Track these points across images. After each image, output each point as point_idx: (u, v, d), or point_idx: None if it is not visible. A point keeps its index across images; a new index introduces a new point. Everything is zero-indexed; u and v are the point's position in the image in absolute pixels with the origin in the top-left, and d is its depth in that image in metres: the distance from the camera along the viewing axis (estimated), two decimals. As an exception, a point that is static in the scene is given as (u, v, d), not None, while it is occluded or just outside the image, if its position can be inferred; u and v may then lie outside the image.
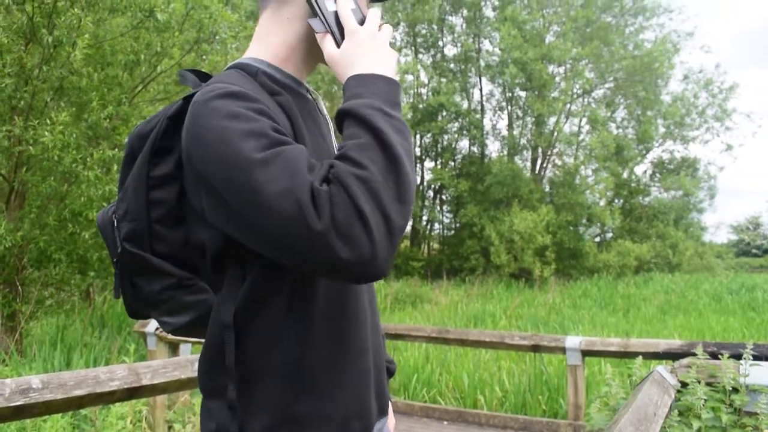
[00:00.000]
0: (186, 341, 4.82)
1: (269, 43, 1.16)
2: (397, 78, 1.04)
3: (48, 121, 6.15)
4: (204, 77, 1.18)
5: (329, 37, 1.07)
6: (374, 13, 1.09)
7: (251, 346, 1.04)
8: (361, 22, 1.08)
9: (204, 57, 8.00)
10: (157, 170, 1.07)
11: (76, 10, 6.25)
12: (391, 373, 1.37)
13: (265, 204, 0.88)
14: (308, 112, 1.15)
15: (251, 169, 0.89)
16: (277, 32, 1.15)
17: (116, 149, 6.72)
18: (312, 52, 1.16)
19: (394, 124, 0.94)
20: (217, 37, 7.83)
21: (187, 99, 1.06)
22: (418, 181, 25.87)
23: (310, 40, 1.13)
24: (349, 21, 1.06)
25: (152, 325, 4.95)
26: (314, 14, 1.09)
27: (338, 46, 1.06)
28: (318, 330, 1.06)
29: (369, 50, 1.04)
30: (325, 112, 1.25)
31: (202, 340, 1.13)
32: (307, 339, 1.05)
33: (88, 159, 6.41)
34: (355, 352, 1.11)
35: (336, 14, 1.08)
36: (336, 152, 0.96)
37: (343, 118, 0.97)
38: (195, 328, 1.15)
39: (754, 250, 40.92)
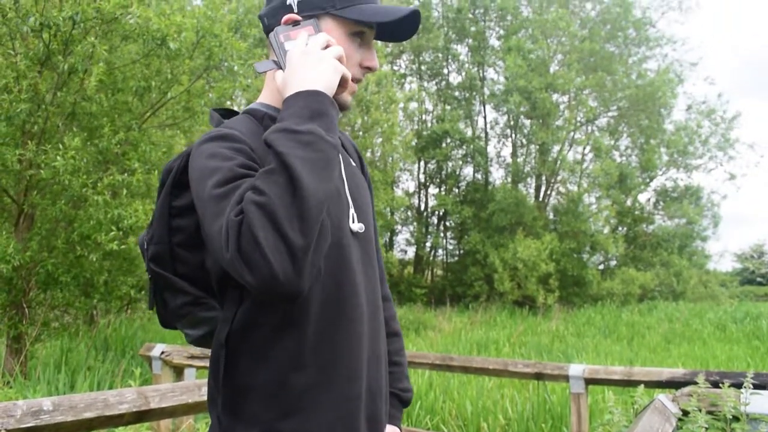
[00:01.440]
0: (191, 366, 4.84)
1: (271, 89, 1.27)
2: (327, 87, 1.08)
3: (60, 146, 6.25)
4: (232, 115, 1.29)
5: (279, 71, 1.14)
6: (320, 35, 1.15)
7: (242, 365, 1.13)
8: None
9: (213, 84, 8.13)
10: (177, 201, 1.19)
11: (91, 38, 6.38)
12: (404, 402, 1.43)
13: (208, 237, 1.04)
14: None
15: (208, 203, 1.03)
16: (271, 79, 1.26)
17: (125, 174, 6.81)
18: None
19: (301, 138, 1.00)
20: (225, 64, 7.96)
21: None
22: (422, 207, 25.96)
23: None
24: (290, 50, 1.13)
25: (157, 349, 4.98)
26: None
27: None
28: (307, 354, 1.12)
29: (298, 69, 1.10)
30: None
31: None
32: (295, 362, 1.12)
33: (98, 183, 6.50)
34: (345, 378, 1.17)
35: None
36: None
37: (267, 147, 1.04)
38: (208, 340, 1.24)
39: (758, 279, 40.70)
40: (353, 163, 1.36)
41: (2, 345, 7.12)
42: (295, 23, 1.17)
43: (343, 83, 1.13)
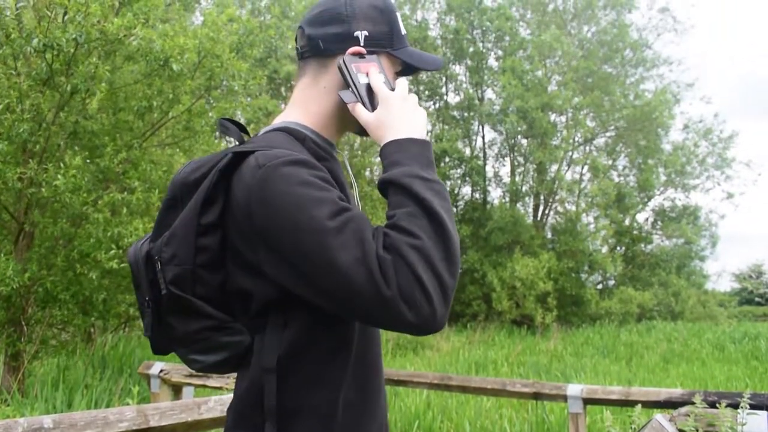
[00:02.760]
0: (189, 384, 4.84)
1: (310, 111, 1.26)
2: (424, 134, 1.15)
3: (61, 165, 6.29)
4: (241, 128, 1.27)
5: (360, 105, 1.18)
6: (402, 81, 1.22)
7: (292, 389, 1.13)
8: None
9: (213, 103, 8.19)
10: (205, 218, 1.13)
11: (93, 58, 6.45)
12: None
13: (339, 270, 1.00)
14: (341, 173, 1.27)
15: (325, 236, 1.00)
16: (316, 101, 1.26)
17: (125, 192, 6.84)
18: (345, 120, 1.27)
19: (433, 187, 1.07)
20: (225, 84, 8.03)
21: (239, 154, 1.12)
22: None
23: (345, 109, 1.23)
24: (382, 89, 1.18)
25: (156, 367, 4.97)
26: (347, 86, 1.20)
27: (371, 113, 1.18)
28: (352, 374, 1.17)
29: (401, 114, 1.16)
30: (350, 170, 1.37)
31: (215, 382, 1.24)
32: (343, 383, 1.15)
33: (98, 201, 6.53)
34: (377, 393, 1.23)
35: (368, 86, 1.19)
36: (386, 219, 1.07)
37: (386, 186, 1.08)
38: (225, 366, 1.21)
39: (757, 299, 40.63)
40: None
41: (0, 362, 7.11)
42: (360, 56, 1.21)
43: None
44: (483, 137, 25.56)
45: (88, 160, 6.83)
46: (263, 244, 1.07)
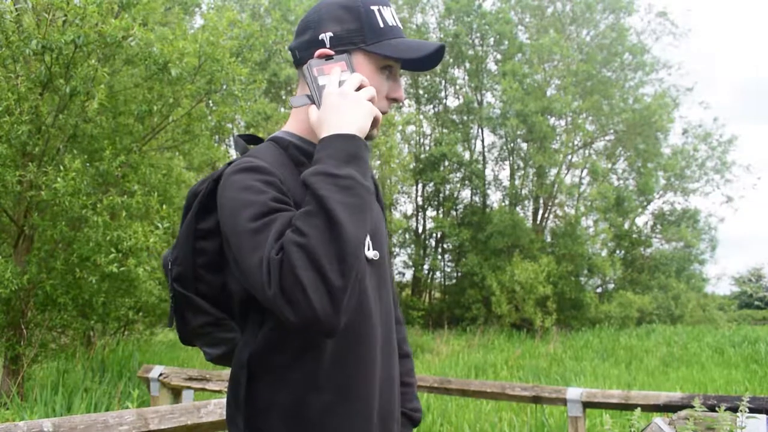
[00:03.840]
0: (189, 387, 4.84)
1: (298, 119, 1.31)
2: (360, 130, 1.13)
3: (61, 168, 6.29)
4: (257, 141, 1.36)
5: (313, 107, 1.19)
6: (354, 77, 1.19)
7: (263, 385, 1.17)
8: None
9: (214, 108, 8.20)
10: (203, 224, 1.23)
11: (92, 61, 6.45)
12: (414, 422, 1.46)
13: (246, 270, 1.07)
14: None
15: (243, 238, 1.07)
16: (302, 109, 1.29)
17: (125, 196, 6.84)
18: None
19: (340, 183, 1.05)
20: (225, 87, 8.03)
21: (229, 165, 1.22)
22: (420, 230, 25.99)
23: None
24: (327, 88, 1.18)
25: (155, 370, 4.97)
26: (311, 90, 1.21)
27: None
28: (325, 376, 1.16)
29: (335, 110, 1.15)
30: None
31: (215, 385, 1.29)
32: (313, 383, 1.16)
33: (98, 205, 6.53)
34: (361, 400, 1.21)
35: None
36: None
37: (304, 187, 1.09)
38: (227, 359, 1.29)
39: (756, 302, 40.64)
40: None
41: (0, 366, 7.11)
42: (328, 57, 1.22)
43: (374, 124, 1.18)
44: (482, 141, 25.61)
45: (87, 164, 6.82)
46: (227, 245, 1.17)
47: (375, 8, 1.27)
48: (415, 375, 1.52)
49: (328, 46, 1.24)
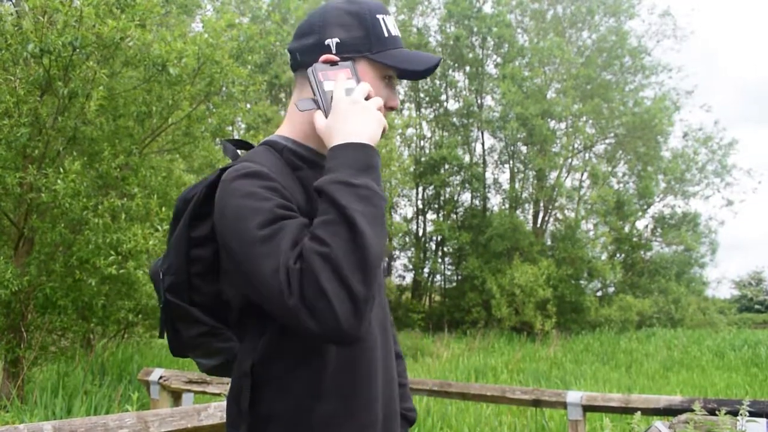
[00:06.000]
0: (189, 390, 4.84)
1: (294, 123, 1.30)
2: (372, 139, 1.13)
3: (61, 170, 6.29)
4: (247, 146, 1.33)
5: (318, 113, 1.18)
6: (361, 86, 1.19)
7: (265, 394, 1.15)
8: None
9: (214, 110, 8.19)
10: (196, 231, 1.20)
11: (91, 63, 6.46)
12: (410, 421, 1.46)
13: (258, 279, 1.03)
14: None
15: (252, 246, 1.04)
16: (299, 113, 1.27)
17: (125, 198, 6.84)
18: None
19: (359, 192, 1.05)
20: (225, 90, 8.04)
21: (223, 170, 1.19)
22: (420, 233, 26.01)
23: None
24: (335, 95, 1.17)
25: (155, 373, 4.97)
26: (314, 94, 1.20)
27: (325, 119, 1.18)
28: (329, 384, 1.15)
29: (346, 118, 1.14)
30: None
31: (215, 388, 1.27)
32: (317, 391, 1.14)
33: (99, 207, 6.53)
34: (364, 406, 1.20)
35: (332, 93, 1.18)
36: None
37: (318, 193, 1.08)
38: (224, 369, 1.27)
39: (756, 306, 40.62)
40: None
41: (-1, 369, 7.10)
42: (332, 63, 1.21)
43: (381, 133, 1.18)
44: (483, 144, 25.64)
45: (87, 166, 6.82)
46: (225, 252, 1.14)
47: (380, 17, 1.27)
48: (407, 376, 1.52)
49: (333, 51, 1.24)
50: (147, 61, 6.87)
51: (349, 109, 1.14)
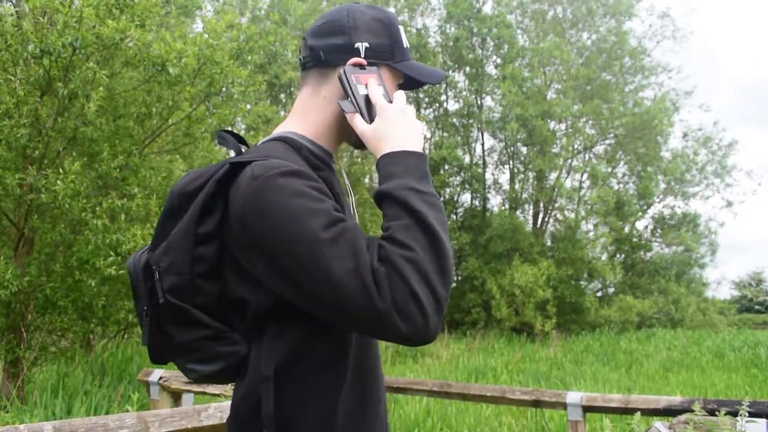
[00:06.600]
0: (189, 391, 4.84)
1: (309, 121, 1.27)
2: (421, 148, 1.16)
3: (60, 171, 6.29)
4: (239, 139, 1.28)
5: (358, 116, 1.19)
6: (400, 94, 1.22)
7: (290, 397, 1.13)
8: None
9: (214, 110, 8.19)
10: (203, 228, 1.14)
11: (91, 63, 6.46)
12: None
13: (333, 281, 1.00)
14: (337, 183, 1.27)
15: (319, 247, 1.01)
16: (315, 110, 1.27)
17: (125, 199, 6.84)
18: (343, 131, 1.28)
19: (428, 200, 1.08)
20: (224, 90, 8.04)
21: (236, 165, 1.13)
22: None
23: (343, 119, 1.24)
24: (380, 100, 1.19)
25: (155, 374, 4.97)
26: (346, 96, 1.21)
27: (369, 124, 1.18)
28: (349, 382, 1.16)
29: (398, 126, 1.16)
30: (346, 181, 1.37)
31: (215, 389, 1.24)
32: (341, 391, 1.15)
33: (97, 208, 6.53)
34: (376, 402, 1.22)
35: (366, 97, 1.20)
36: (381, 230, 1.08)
37: (382, 198, 1.09)
38: (222, 376, 1.21)
39: (756, 306, 40.67)
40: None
41: (-1, 369, 7.11)
42: (361, 67, 1.23)
43: None
44: (482, 144, 25.62)
45: (87, 166, 6.82)
46: (260, 255, 1.07)
47: (400, 28, 1.31)
48: None
49: (363, 56, 1.25)
50: (147, 61, 6.88)
51: (399, 117, 1.17)
